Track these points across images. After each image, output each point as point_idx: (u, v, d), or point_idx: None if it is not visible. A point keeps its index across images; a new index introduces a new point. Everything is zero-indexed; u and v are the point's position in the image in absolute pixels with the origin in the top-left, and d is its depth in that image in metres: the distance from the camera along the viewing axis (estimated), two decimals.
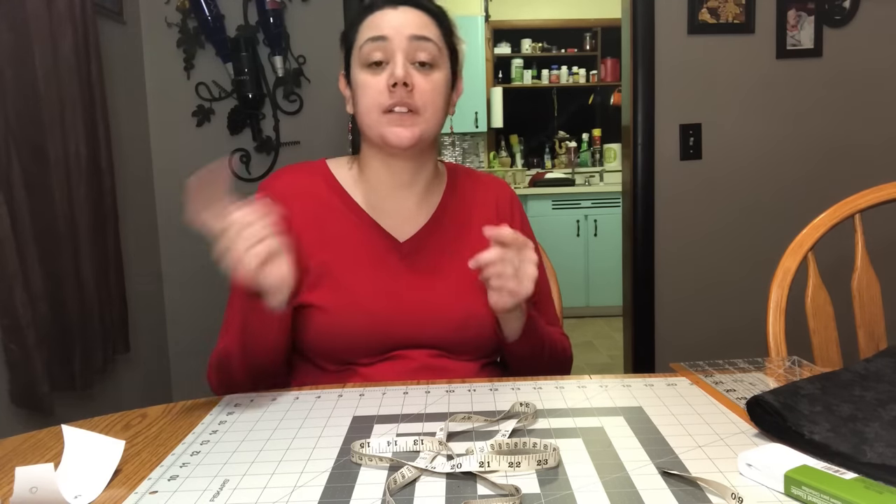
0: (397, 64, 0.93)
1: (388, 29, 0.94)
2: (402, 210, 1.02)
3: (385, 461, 0.63)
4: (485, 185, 1.10)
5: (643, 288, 2.45)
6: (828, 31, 2.36)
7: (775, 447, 0.60)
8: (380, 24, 0.95)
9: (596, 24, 5.41)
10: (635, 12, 2.35)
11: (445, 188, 1.07)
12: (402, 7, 0.96)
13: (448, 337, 0.96)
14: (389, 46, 0.94)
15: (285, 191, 1.01)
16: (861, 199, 1.09)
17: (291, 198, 1.00)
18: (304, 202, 1.00)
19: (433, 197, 1.05)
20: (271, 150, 2.35)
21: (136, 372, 2.16)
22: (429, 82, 0.95)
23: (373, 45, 0.94)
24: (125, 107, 2.16)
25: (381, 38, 0.94)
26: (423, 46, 0.95)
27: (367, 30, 0.96)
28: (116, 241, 1.91)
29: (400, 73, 0.92)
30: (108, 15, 2.06)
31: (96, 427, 0.77)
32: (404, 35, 0.94)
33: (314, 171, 1.05)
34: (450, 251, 1.01)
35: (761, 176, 2.42)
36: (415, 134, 0.94)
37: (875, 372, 0.74)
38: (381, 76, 0.94)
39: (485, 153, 5.38)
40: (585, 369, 3.80)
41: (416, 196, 1.02)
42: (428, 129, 0.96)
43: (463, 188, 1.08)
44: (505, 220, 1.07)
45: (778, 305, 1.05)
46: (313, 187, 1.02)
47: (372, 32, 0.95)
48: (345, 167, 1.06)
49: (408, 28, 0.94)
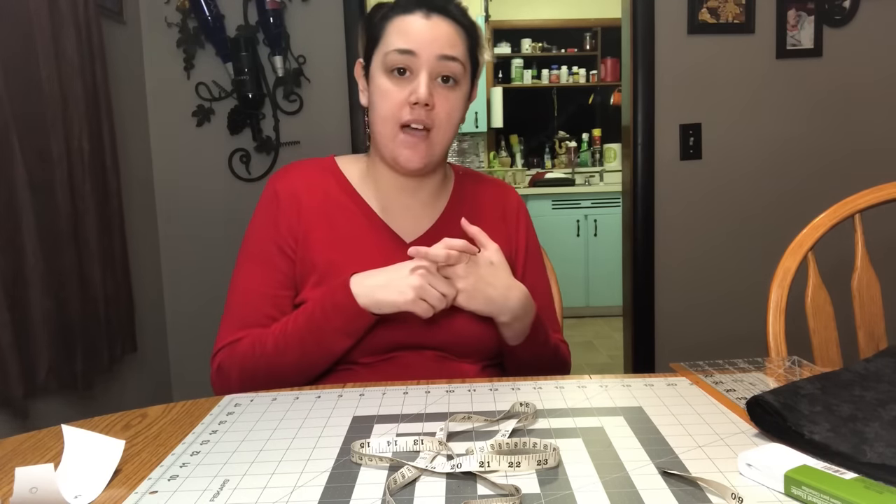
0: (421, 83, 0.92)
1: (417, 42, 0.93)
2: (409, 211, 1.02)
3: (385, 461, 0.63)
4: (493, 188, 1.10)
5: (643, 288, 2.45)
6: (828, 31, 2.36)
7: (775, 447, 0.60)
8: (409, 32, 0.93)
9: (596, 24, 5.41)
10: (635, 12, 2.35)
11: (452, 191, 1.07)
12: (434, 17, 0.94)
13: (451, 338, 0.96)
14: (416, 62, 0.93)
15: (295, 186, 1.01)
16: (861, 199, 1.09)
17: (301, 193, 1.00)
18: (313, 198, 1.00)
19: (441, 199, 1.05)
20: (271, 150, 2.35)
21: (143, 372, 2.16)
22: (448, 101, 0.95)
23: (399, 57, 0.93)
24: (125, 107, 2.16)
25: (409, 53, 0.93)
26: (450, 67, 0.94)
27: (396, 36, 0.94)
28: (123, 240, 1.91)
29: (423, 93, 0.92)
30: (109, 15, 2.06)
31: (96, 427, 0.77)
32: (433, 54, 0.93)
33: (324, 168, 1.04)
34: None
35: (761, 176, 2.42)
36: (424, 157, 0.95)
37: (875, 372, 0.74)
38: (404, 89, 0.93)
39: (485, 153, 5.38)
40: (585, 369, 3.79)
41: (423, 198, 1.03)
42: (439, 149, 0.97)
43: (470, 191, 1.08)
44: (511, 225, 1.08)
45: (778, 305, 1.04)
46: (323, 184, 1.02)
47: (400, 42, 0.93)
48: (354, 165, 1.06)
49: (437, 46, 0.93)
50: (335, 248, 0.98)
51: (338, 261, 0.96)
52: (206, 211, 2.36)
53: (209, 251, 2.32)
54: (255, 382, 0.91)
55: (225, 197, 2.35)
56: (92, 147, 1.74)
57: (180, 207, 2.36)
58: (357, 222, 1.00)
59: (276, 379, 0.91)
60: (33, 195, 1.53)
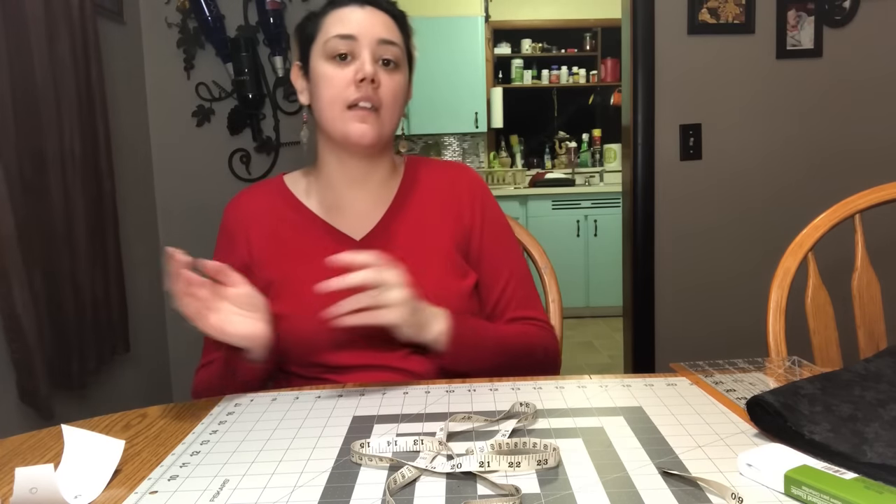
0: (366, 60, 0.95)
1: (356, 28, 0.96)
2: (357, 207, 1.04)
3: (385, 461, 0.63)
4: (444, 171, 1.09)
5: (643, 288, 2.45)
6: (828, 31, 2.36)
7: (775, 447, 0.60)
8: (348, 21, 0.96)
9: (596, 24, 5.41)
10: (635, 12, 2.35)
11: (402, 179, 1.08)
12: (368, 7, 0.98)
13: None
14: (357, 46, 0.96)
15: (244, 213, 1.06)
16: (861, 199, 1.09)
17: (250, 219, 1.05)
18: (261, 220, 1.05)
19: (388, 192, 1.06)
20: (271, 151, 2.35)
21: (136, 372, 2.16)
22: (392, 81, 0.98)
23: (340, 42, 0.96)
24: (125, 107, 2.16)
25: (350, 37, 0.96)
26: (391, 50, 0.98)
27: (334, 25, 0.97)
28: (116, 242, 1.91)
29: (369, 69, 0.94)
30: (108, 15, 2.06)
31: (96, 427, 0.77)
32: (373, 37, 0.96)
33: (270, 189, 1.09)
34: (408, 242, 1.02)
35: (761, 176, 2.42)
36: (376, 132, 0.97)
37: (875, 372, 0.74)
38: (348, 69, 0.96)
39: (485, 153, 5.38)
40: (585, 369, 3.79)
41: (371, 192, 1.04)
42: (388, 127, 0.99)
43: (421, 178, 1.08)
44: (464, 204, 1.06)
45: (778, 305, 1.04)
46: (268, 204, 1.06)
47: (340, 29, 0.96)
48: (299, 179, 1.09)
49: (376, 30, 0.96)
50: (286, 261, 1.01)
51: (289, 272, 1.00)
52: (207, 211, 2.35)
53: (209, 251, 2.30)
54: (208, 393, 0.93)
55: (225, 197, 2.31)
56: (85, 148, 1.74)
57: (181, 208, 2.36)
58: (302, 231, 1.03)
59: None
60: (26, 196, 1.53)
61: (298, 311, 0.95)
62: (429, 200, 1.05)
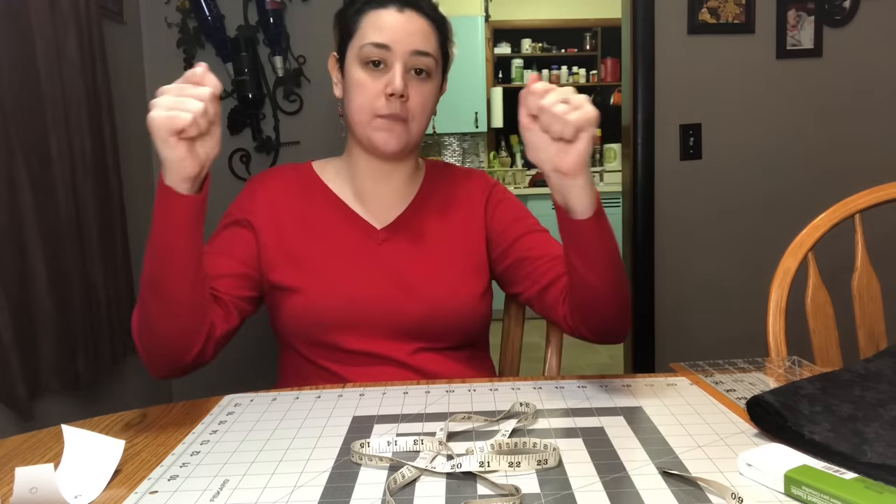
0: (396, 74, 0.95)
1: (390, 36, 0.96)
2: (381, 198, 1.06)
3: (385, 461, 0.63)
4: (462, 177, 1.13)
5: (643, 288, 2.45)
6: (828, 31, 2.36)
7: (775, 447, 0.60)
8: (384, 26, 0.96)
9: (596, 24, 5.41)
10: (635, 12, 2.35)
11: (423, 179, 1.11)
12: (407, 11, 0.97)
13: (423, 315, 0.98)
14: (391, 56, 0.96)
15: (273, 185, 1.07)
16: (861, 199, 1.09)
17: (278, 191, 1.06)
18: (289, 196, 1.06)
19: (412, 187, 1.09)
20: (271, 150, 2.35)
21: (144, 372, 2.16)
22: (421, 93, 0.99)
23: (374, 50, 0.96)
24: (125, 107, 2.16)
25: (384, 47, 0.96)
26: (423, 61, 0.98)
27: (370, 30, 0.97)
28: (125, 240, 1.91)
29: (399, 84, 0.95)
30: (108, 15, 2.06)
31: (96, 427, 0.77)
32: (407, 49, 0.96)
33: (299, 171, 1.11)
34: (426, 237, 1.04)
35: (761, 176, 2.42)
36: (401, 142, 0.99)
37: (875, 372, 0.74)
38: (379, 80, 0.97)
39: (485, 153, 5.38)
40: (585, 369, 3.79)
41: (394, 188, 1.07)
42: (414, 136, 1.01)
43: (442, 180, 1.11)
44: (486, 207, 1.10)
45: (778, 305, 1.04)
46: (298, 182, 1.08)
47: (375, 37, 0.96)
48: (328, 166, 1.11)
49: (411, 41, 0.96)
50: (309, 239, 1.02)
51: (311, 249, 1.01)
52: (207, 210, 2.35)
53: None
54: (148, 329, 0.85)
55: (225, 197, 2.32)
56: (93, 147, 1.74)
57: None
58: (328, 215, 1.05)
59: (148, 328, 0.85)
60: (34, 195, 1.53)
61: (316, 286, 0.98)
62: (449, 199, 1.09)
